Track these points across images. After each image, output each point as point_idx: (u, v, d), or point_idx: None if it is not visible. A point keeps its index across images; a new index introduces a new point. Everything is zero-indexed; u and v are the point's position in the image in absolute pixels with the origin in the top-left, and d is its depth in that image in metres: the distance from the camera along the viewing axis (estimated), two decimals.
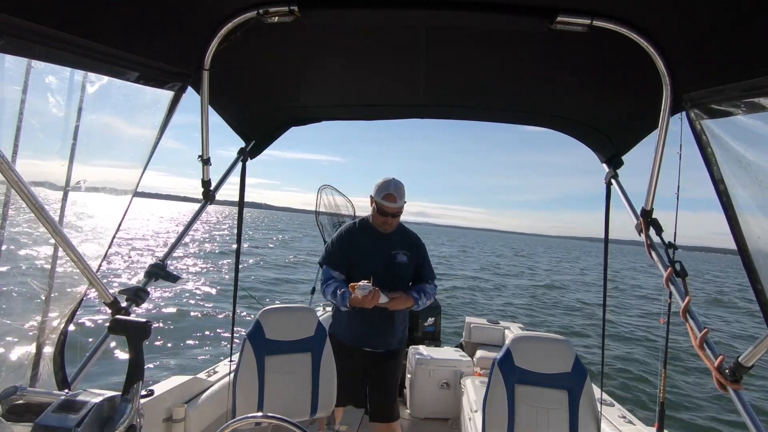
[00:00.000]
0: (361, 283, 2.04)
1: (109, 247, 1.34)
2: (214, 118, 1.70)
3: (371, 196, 2.34)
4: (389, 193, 2.25)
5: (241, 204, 2.19)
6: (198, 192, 1.77)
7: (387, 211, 2.27)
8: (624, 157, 1.96)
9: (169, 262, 1.61)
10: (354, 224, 2.49)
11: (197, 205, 1.88)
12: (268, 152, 2.31)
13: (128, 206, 1.35)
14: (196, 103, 1.51)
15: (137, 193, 1.36)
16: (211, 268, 17.08)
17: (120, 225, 1.35)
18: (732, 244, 1.11)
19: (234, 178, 2.05)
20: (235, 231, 2.26)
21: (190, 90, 1.44)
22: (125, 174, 1.34)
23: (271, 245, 33.17)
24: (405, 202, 2.32)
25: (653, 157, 1.38)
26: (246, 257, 20.42)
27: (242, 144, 2.14)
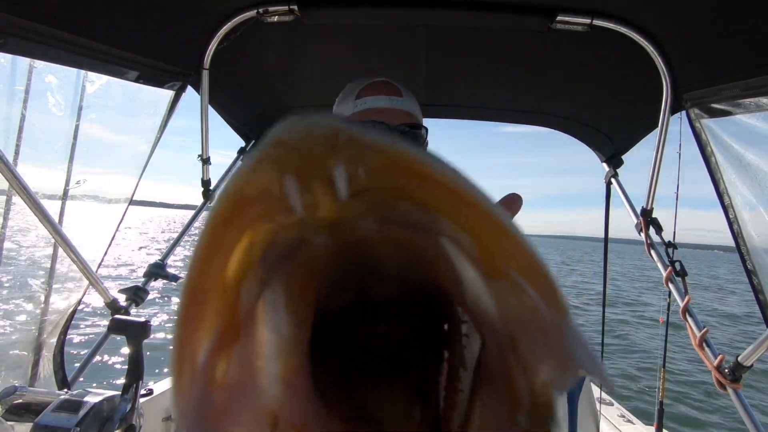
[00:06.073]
0: None
1: (112, 239, 1.35)
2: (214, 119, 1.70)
3: None
4: (375, 81, 0.88)
5: None
6: (176, 197, 1.74)
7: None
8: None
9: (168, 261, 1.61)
10: None
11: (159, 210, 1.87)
12: (234, 155, 1.98)
13: (132, 195, 1.37)
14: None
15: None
16: None
17: (125, 212, 1.36)
18: (720, 241, 1.12)
19: None
20: None
21: (189, 90, 1.44)
22: (126, 171, 1.35)
23: None
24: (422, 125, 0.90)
25: (653, 157, 1.38)
26: None
27: (242, 144, 2.14)
